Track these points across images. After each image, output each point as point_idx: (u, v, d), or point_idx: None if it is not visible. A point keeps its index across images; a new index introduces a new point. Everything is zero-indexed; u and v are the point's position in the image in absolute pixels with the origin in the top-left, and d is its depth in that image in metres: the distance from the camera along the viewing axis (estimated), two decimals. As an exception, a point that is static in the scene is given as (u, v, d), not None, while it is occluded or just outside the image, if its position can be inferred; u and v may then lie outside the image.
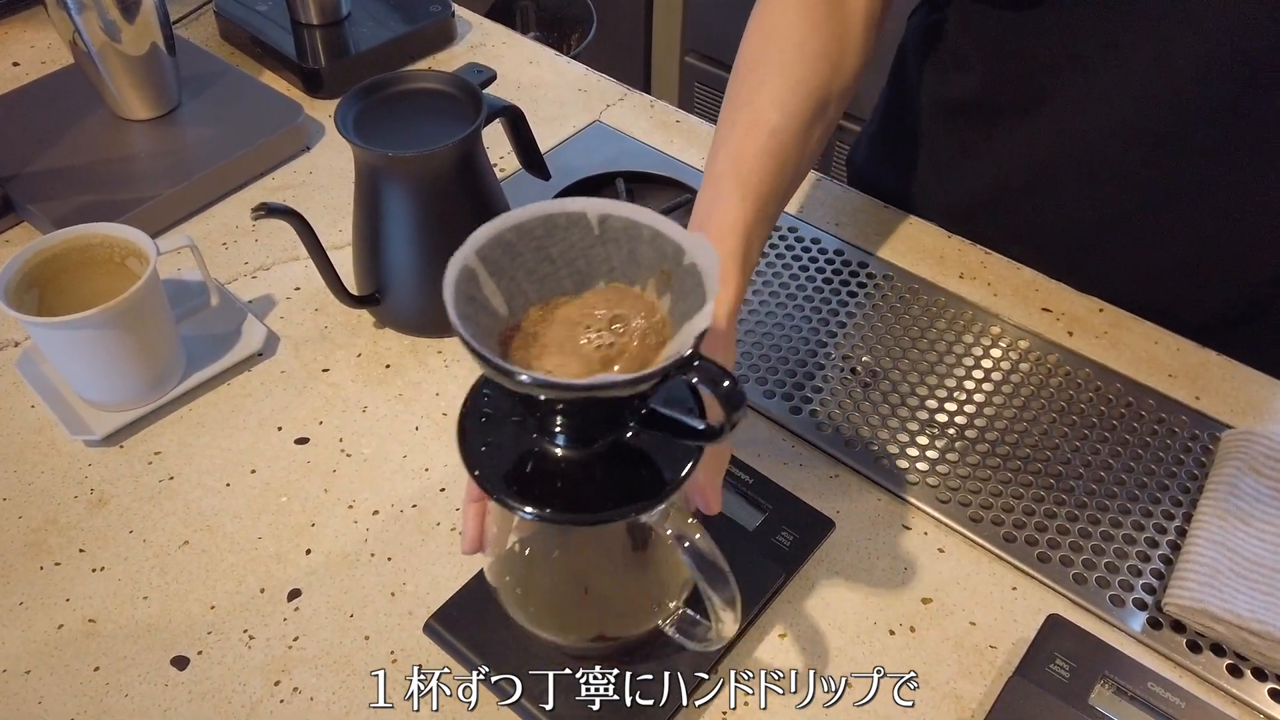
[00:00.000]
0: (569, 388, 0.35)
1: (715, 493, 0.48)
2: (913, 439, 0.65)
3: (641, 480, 0.42)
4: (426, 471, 0.63)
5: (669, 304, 0.41)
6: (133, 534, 0.60)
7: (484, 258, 0.39)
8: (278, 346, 0.71)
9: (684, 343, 0.37)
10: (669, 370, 0.36)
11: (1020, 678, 0.51)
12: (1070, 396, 0.68)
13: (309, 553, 0.59)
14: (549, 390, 0.36)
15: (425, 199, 0.65)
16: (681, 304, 0.40)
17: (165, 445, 0.64)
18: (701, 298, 0.38)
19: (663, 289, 0.41)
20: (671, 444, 0.43)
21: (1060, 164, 0.72)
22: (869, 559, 0.59)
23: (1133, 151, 0.68)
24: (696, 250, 0.39)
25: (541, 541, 0.48)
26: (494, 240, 0.40)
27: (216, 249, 0.78)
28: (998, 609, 0.57)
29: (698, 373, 0.37)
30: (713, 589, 0.43)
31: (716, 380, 0.37)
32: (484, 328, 0.39)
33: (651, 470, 0.42)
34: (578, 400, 0.37)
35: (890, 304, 0.74)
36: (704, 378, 0.37)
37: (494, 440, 0.43)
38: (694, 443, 0.42)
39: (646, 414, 0.42)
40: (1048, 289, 0.75)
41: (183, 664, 0.54)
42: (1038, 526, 0.60)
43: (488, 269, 0.40)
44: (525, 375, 0.35)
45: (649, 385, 0.36)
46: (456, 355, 0.70)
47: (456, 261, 0.38)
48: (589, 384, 0.35)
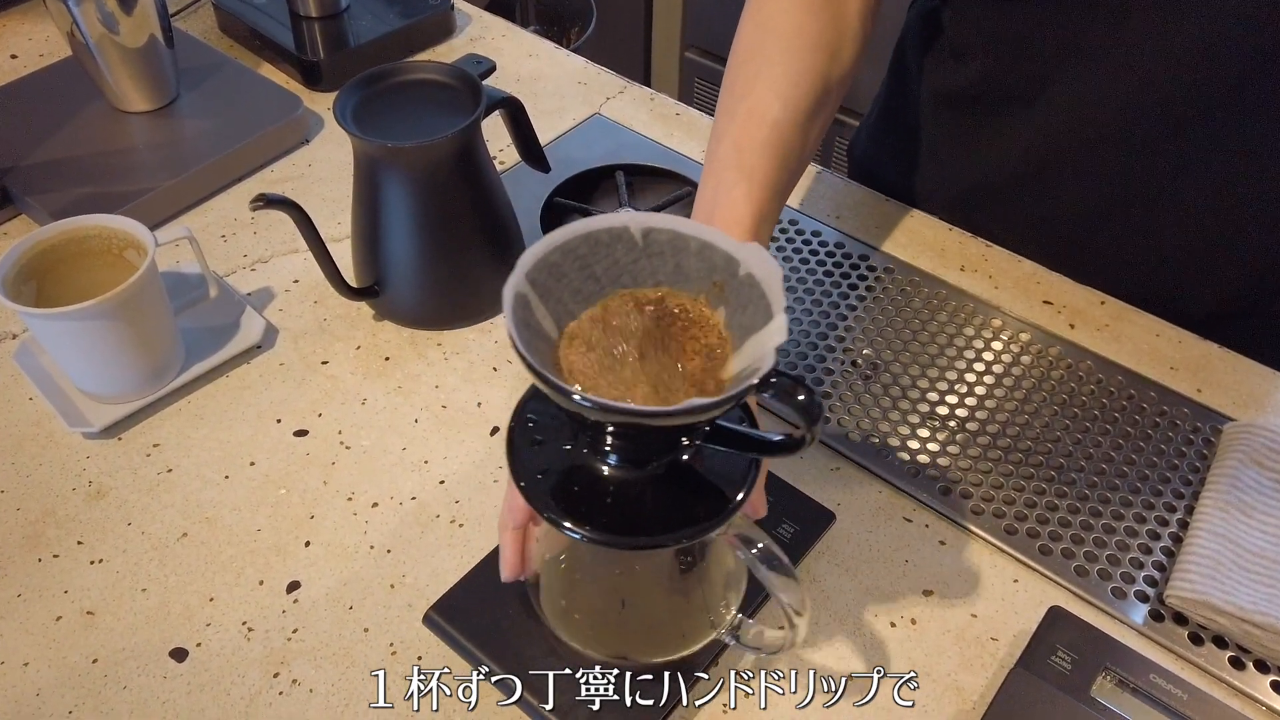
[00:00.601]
0: (651, 415, 0.34)
1: (761, 497, 0.48)
2: (914, 431, 0.65)
3: (700, 496, 0.41)
4: (426, 464, 0.63)
5: (725, 317, 0.40)
6: (131, 526, 0.59)
7: (533, 281, 0.38)
8: (276, 339, 0.70)
9: (757, 358, 0.36)
10: (749, 390, 0.35)
11: (1022, 669, 0.51)
12: (1072, 389, 0.67)
13: (308, 545, 0.59)
14: (630, 418, 0.35)
15: (424, 190, 0.65)
16: (740, 316, 0.39)
17: (164, 437, 0.64)
18: (765, 310, 0.37)
19: (716, 302, 0.40)
20: (726, 456, 0.42)
21: (1061, 152, 0.72)
22: (870, 552, 0.58)
23: (1135, 138, 0.67)
24: (752, 260, 0.38)
25: (592, 559, 0.48)
26: (540, 263, 0.38)
27: (215, 242, 0.78)
28: (999, 601, 0.56)
29: (775, 389, 0.36)
30: (784, 593, 0.42)
31: (795, 394, 0.36)
32: (539, 352, 0.37)
33: (708, 485, 0.41)
34: (640, 427, 0.36)
35: (891, 297, 0.74)
36: (780, 392, 0.36)
37: (544, 458, 0.42)
38: (769, 456, 0.41)
39: (713, 430, 0.41)
40: (1049, 281, 0.75)
41: (181, 656, 0.54)
42: (1039, 519, 0.60)
43: (536, 292, 0.38)
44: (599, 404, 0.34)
45: (728, 409, 0.35)
46: (456, 348, 0.70)
47: (511, 288, 0.37)
48: (675, 410, 0.34)
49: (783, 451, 0.40)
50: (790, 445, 0.40)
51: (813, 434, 0.38)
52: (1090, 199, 0.73)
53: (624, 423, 0.36)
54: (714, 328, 0.40)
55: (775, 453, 0.40)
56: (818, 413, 0.37)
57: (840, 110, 0.61)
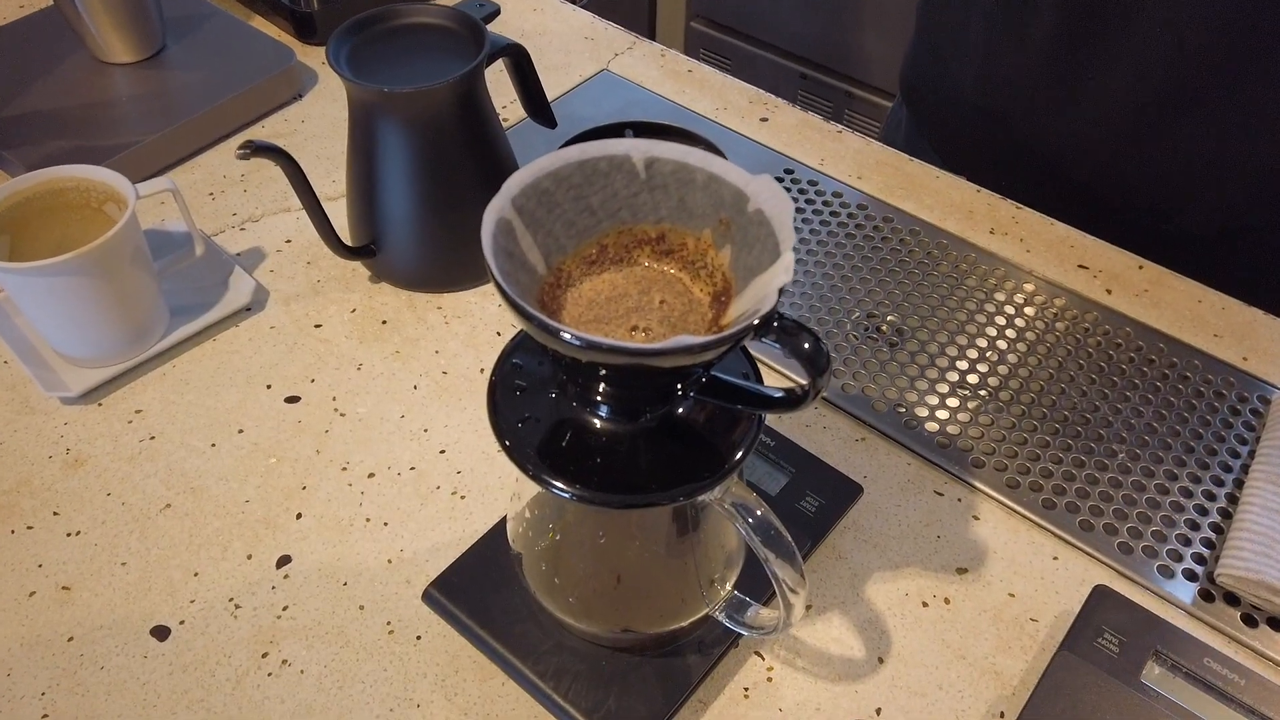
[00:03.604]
0: (634, 353, 0.30)
1: None
2: (943, 401, 0.61)
3: (696, 454, 0.37)
4: (425, 432, 0.59)
5: (730, 257, 0.36)
6: (111, 496, 0.56)
7: (520, 208, 0.35)
8: (267, 301, 0.67)
9: (760, 299, 0.33)
10: (748, 331, 0.32)
11: (1067, 652, 0.47)
12: (1110, 357, 0.64)
13: (299, 517, 0.55)
14: (611, 357, 0.31)
15: (424, 141, 0.60)
16: (746, 257, 0.35)
17: (147, 403, 0.60)
18: (773, 249, 0.34)
19: (722, 240, 0.37)
20: (724, 412, 0.38)
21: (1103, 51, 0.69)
22: (899, 526, 0.55)
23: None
24: (762, 195, 0.35)
25: (579, 523, 0.44)
26: (530, 189, 0.35)
27: (203, 200, 0.73)
28: (1038, 580, 0.53)
29: (777, 333, 0.33)
30: (780, 568, 0.39)
31: (799, 340, 0.33)
32: (522, 286, 0.34)
33: (704, 443, 0.38)
34: (636, 367, 0.32)
35: (917, 260, 0.70)
36: (784, 338, 0.33)
37: (530, 412, 0.39)
38: (768, 412, 0.37)
39: (708, 382, 0.37)
40: (1083, 245, 0.71)
41: (163, 634, 0.50)
42: (1079, 493, 0.56)
43: (524, 221, 0.35)
44: (582, 339, 0.30)
45: (724, 350, 0.32)
46: (457, 311, 0.66)
47: (492, 212, 0.34)
48: (659, 349, 0.30)
49: (782, 407, 0.36)
50: (790, 400, 0.36)
51: (816, 386, 0.34)
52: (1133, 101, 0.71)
53: (612, 364, 0.32)
54: (718, 269, 0.37)
55: (774, 408, 0.37)
56: (824, 362, 0.33)
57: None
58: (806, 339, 0.33)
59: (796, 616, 0.41)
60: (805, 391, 0.35)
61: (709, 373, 0.37)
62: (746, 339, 0.33)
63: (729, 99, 0.84)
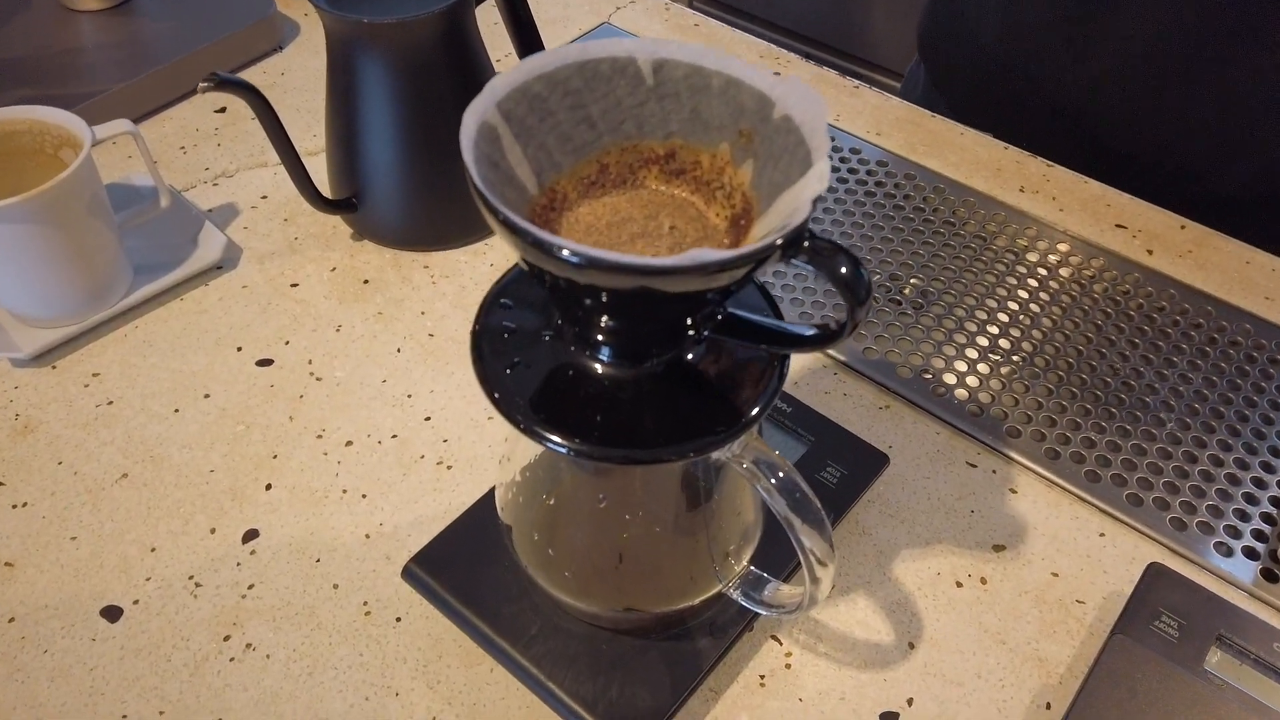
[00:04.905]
0: (643, 271, 0.25)
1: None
2: (972, 367, 0.56)
3: (708, 405, 0.32)
4: (409, 398, 0.54)
5: (752, 174, 0.31)
6: (62, 465, 0.51)
7: (507, 114, 0.30)
8: (240, 259, 0.61)
9: (789, 213, 0.28)
10: (774, 249, 0.27)
11: (1123, 637, 0.42)
12: (1153, 320, 0.59)
13: (269, 488, 0.50)
14: (616, 278, 0.26)
15: (408, 82, 0.55)
16: (771, 172, 0.30)
17: (105, 366, 0.55)
18: (803, 159, 0.29)
19: (742, 155, 0.32)
20: (741, 358, 0.34)
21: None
22: (928, 500, 0.50)
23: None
24: (790, 98, 0.30)
25: (577, 486, 0.39)
26: (518, 92, 0.30)
27: (173, 154, 0.68)
28: (1083, 558, 0.48)
29: (808, 253, 0.28)
30: (807, 537, 0.34)
31: (834, 262, 0.28)
32: (509, 203, 0.29)
33: (718, 393, 0.33)
34: (643, 294, 0.27)
35: (942, 219, 0.65)
36: (817, 259, 0.28)
37: (520, 357, 0.34)
38: (798, 351, 0.33)
39: (725, 319, 0.32)
40: (1119, 204, 0.66)
41: (114, 615, 0.45)
42: (1125, 465, 0.51)
43: (512, 129, 0.30)
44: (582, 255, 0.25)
45: (747, 270, 0.27)
46: (445, 270, 0.61)
47: (474, 114, 0.29)
48: (671, 265, 0.25)
49: (814, 344, 0.32)
50: (824, 337, 0.31)
51: (855, 318, 0.29)
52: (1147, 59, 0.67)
53: (616, 288, 0.27)
54: (737, 189, 0.32)
55: (804, 346, 0.32)
56: (864, 290, 0.28)
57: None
58: (844, 261, 0.28)
59: (824, 593, 0.36)
60: (841, 325, 0.30)
61: (726, 308, 0.33)
62: (772, 259, 0.28)
63: (738, 54, 0.79)
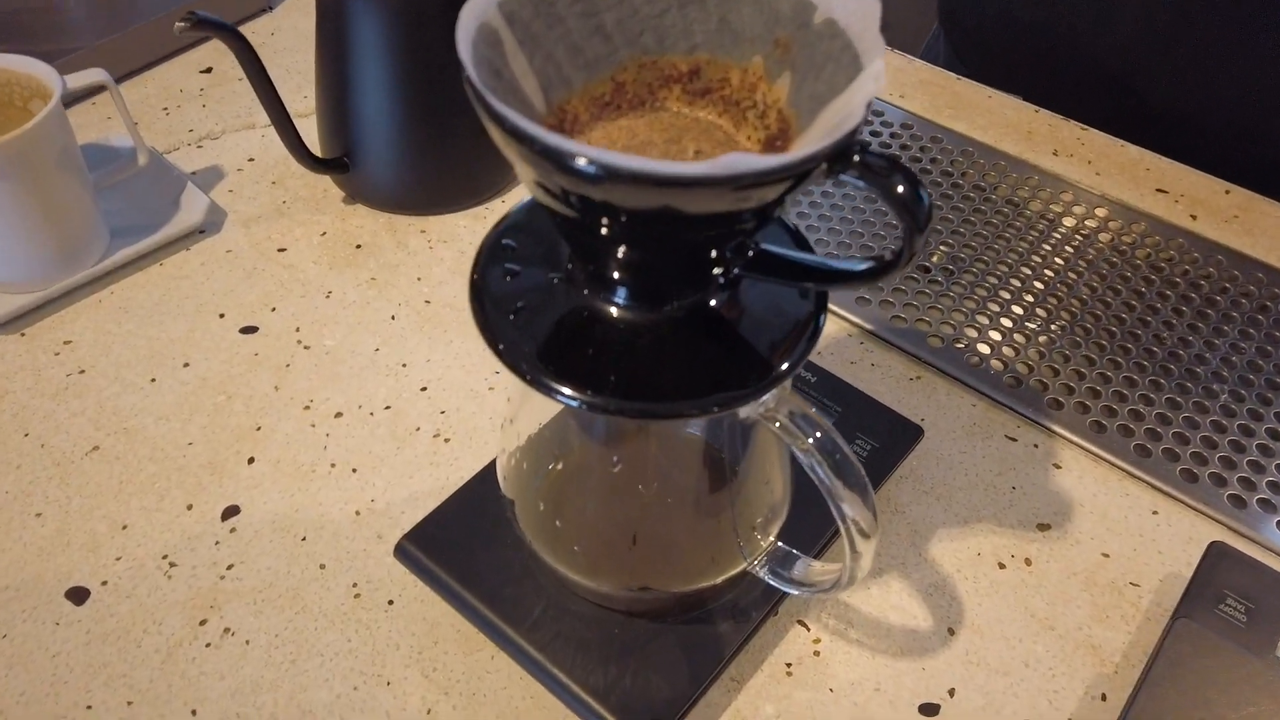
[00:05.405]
0: (669, 180, 0.22)
1: None
2: (1008, 337, 0.52)
3: (736, 355, 0.29)
4: (404, 368, 0.50)
5: (789, 88, 0.28)
6: (28, 437, 0.47)
7: (509, 16, 0.26)
8: (224, 222, 0.58)
9: (837, 124, 0.24)
10: (820, 159, 0.23)
11: (1188, 620, 0.38)
12: (1200, 287, 0.55)
13: (252, 462, 0.46)
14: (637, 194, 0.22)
15: (404, 28, 0.52)
16: (812, 84, 0.27)
17: (78, 333, 0.51)
18: (850, 64, 0.25)
19: (777, 68, 0.28)
20: (773, 303, 0.30)
21: None
22: (966, 476, 0.46)
23: None
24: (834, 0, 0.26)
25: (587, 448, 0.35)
26: None
27: (155, 115, 0.65)
28: (1136, 537, 0.44)
29: (860, 169, 0.24)
30: (849, 504, 0.30)
31: (890, 180, 0.24)
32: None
33: (746, 344, 0.29)
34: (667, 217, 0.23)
35: (972, 183, 0.61)
36: (870, 176, 0.24)
37: (525, 301, 0.30)
38: (847, 287, 0.29)
39: (757, 255, 0.29)
40: (1159, 168, 0.62)
41: (81, 597, 0.41)
42: (1177, 438, 0.48)
43: (515, 34, 0.26)
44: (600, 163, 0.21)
45: (790, 184, 0.23)
46: (443, 235, 0.57)
47: (471, 13, 0.25)
48: (702, 174, 0.21)
49: (869, 277, 0.27)
50: (879, 269, 0.27)
51: (913, 247, 0.25)
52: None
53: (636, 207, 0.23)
54: (772, 107, 0.28)
55: (855, 281, 0.28)
56: (924, 214, 0.24)
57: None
58: (901, 180, 0.24)
59: (864, 569, 0.32)
60: (897, 254, 0.26)
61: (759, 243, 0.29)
62: (818, 174, 0.24)
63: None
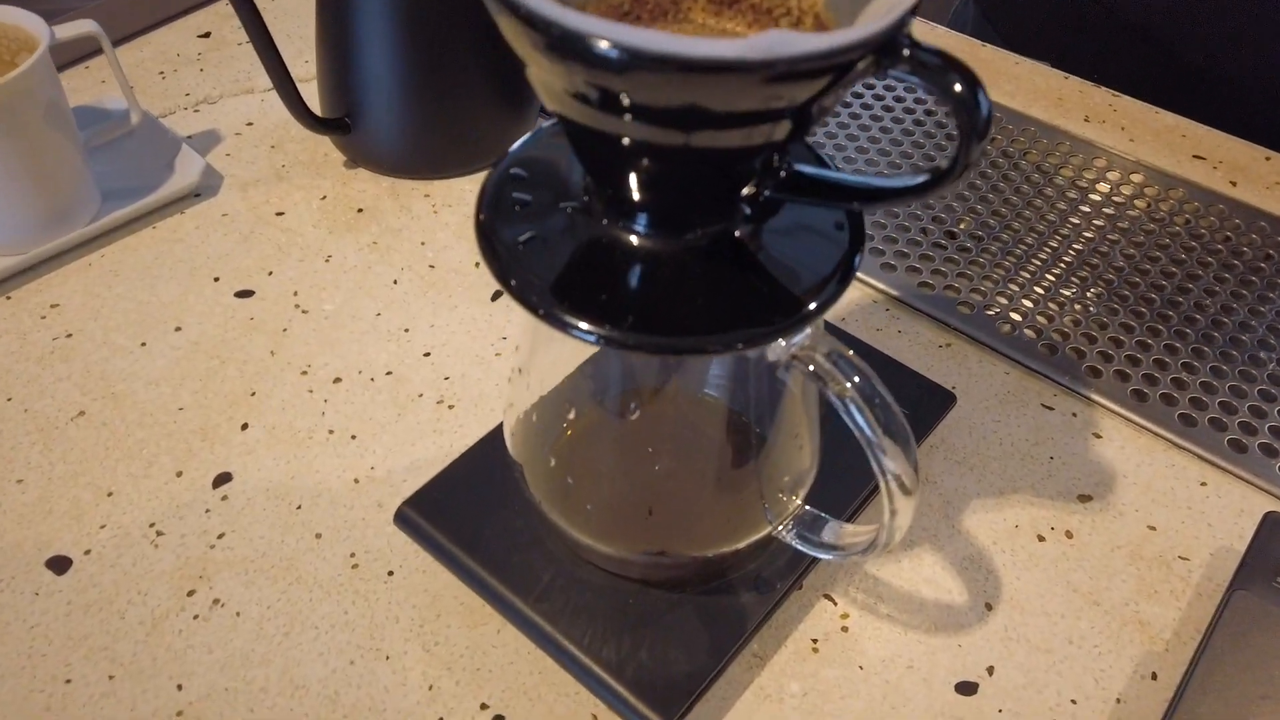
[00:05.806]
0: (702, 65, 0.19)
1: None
2: (1041, 304, 0.50)
3: (764, 291, 0.26)
4: (406, 333, 0.48)
5: None
6: (11, 402, 0.44)
7: None
8: (220, 186, 0.55)
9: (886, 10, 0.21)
10: (872, 44, 0.20)
11: (1244, 591, 0.36)
12: (1242, 254, 0.52)
13: (245, 428, 0.44)
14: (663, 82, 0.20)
15: (409, -20, 0.49)
16: None
17: (66, 297, 0.49)
18: None
19: None
20: (805, 233, 0.27)
21: None
22: (1000, 446, 0.43)
23: None
24: None
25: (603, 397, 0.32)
26: None
27: (151, 79, 0.62)
28: (1184, 510, 0.41)
29: (910, 63, 0.21)
30: (890, 456, 0.27)
31: (946, 79, 0.21)
32: None
33: (774, 279, 0.27)
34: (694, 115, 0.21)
35: (1000, 149, 0.58)
36: (922, 71, 0.21)
37: (536, 233, 0.27)
38: (895, 203, 0.26)
39: (789, 175, 0.26)
40: (1196, 134, 0.60)
41: (62, 566, 0.39)
42: (1223, 407, 0.45)
43: None
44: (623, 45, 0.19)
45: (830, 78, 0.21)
46: (448, 199, 0.55)
47: None
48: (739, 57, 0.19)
49: (921, 191, 0.24)
50: (933, 181, 0.24)
51: (970, 155, 0.22)
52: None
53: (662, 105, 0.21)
54: (808, 12, 0.26)
55: (903, 198, 0.25)
56: (984, 118, 0.21)
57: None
58: (958, 78, 0.22)
59: (902, 528, 0.30)
60: (952, 163, 0.23)
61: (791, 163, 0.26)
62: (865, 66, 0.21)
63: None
